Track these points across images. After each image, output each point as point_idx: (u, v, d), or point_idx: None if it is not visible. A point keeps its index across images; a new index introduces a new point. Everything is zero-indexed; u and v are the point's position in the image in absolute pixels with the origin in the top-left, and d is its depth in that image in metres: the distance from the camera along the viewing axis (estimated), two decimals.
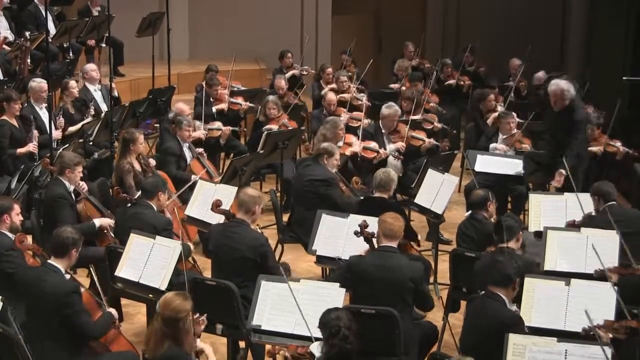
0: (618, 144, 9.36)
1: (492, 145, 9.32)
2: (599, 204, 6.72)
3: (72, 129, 9.15)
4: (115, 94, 10.07)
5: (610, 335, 4.93)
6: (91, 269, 6.03)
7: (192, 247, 6.72)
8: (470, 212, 6.96)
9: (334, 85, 11.63)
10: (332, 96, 10.78)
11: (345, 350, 4.50)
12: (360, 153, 9.36)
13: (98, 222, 7.03)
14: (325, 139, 8.72)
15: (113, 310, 5.63)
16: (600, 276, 5.74)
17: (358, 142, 9.40)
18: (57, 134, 8.85)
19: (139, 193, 7.06)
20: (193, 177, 8.34)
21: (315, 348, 4.62)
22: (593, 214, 6.75)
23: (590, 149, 8.92)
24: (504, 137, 9.41)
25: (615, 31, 14.36)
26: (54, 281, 5.29)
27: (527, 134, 9.76)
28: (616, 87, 11.98)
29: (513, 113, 9.76)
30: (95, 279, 5.95)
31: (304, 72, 12.65)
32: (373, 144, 9.43)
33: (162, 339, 4.63)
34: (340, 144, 9.06)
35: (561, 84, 8.17)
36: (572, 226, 6.64)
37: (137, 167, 8.07)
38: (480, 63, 13.45)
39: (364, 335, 4.85)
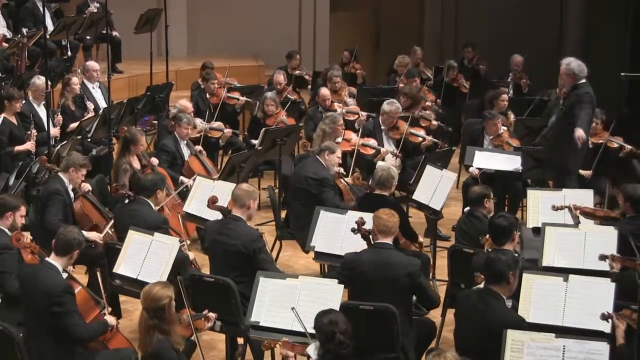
0: (620, 140, 9.31)
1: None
2: (629, 208, 6.53)
3: (73, 125, 9.15)
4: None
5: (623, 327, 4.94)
6: (97, 271, 6.02)
7: (191, 256, 6.48)
8: (468, 208, 6.96)
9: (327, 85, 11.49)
10: (325, 91, 10.60)
11: (341, 355, 4.53)
12: (359, 149, 9.29)
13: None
14: (324, 134, 8.69)
15: (111, 319, 5.49)
16: (602, 259, 5.73)
17: (357, 139, 9.34)
18: (55, 132, 8.83)
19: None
20: (182, 179, 8.33)
21: (312, 350, 4.63)
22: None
23: (591, 139, 8.87)
24: (490, 137, 9.30)
25: (613, 28, 14.35)
26: (48, 278, 5.26)
27: (524, 130, 9.75)
28: (614, 84, 11.96)
29: (499, 114, 9.64)
30: (100, 279, 5.92)
31: (307, 77, 12.55)
32: (372, 141, 9.38)
33: (149, 332, 4.63)
34: (340, 139, 9.03)
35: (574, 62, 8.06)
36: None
37: (137, 165, 8.04)
38: (480, 60, 13.39)
39: (361, 332, 4.85)
